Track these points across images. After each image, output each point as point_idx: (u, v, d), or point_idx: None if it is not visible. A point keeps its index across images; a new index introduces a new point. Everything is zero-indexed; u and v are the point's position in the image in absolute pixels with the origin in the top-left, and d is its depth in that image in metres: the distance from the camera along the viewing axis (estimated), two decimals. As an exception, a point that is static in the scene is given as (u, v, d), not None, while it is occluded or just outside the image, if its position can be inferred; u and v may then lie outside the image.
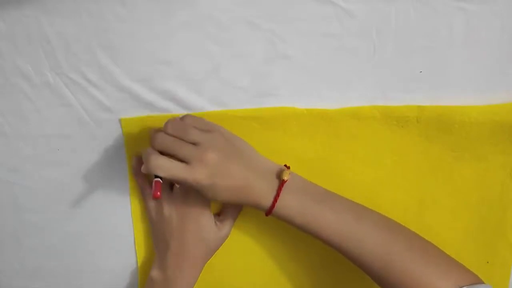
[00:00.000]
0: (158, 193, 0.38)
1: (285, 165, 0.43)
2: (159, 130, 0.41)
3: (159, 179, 0.39)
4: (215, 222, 0.47)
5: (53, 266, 0.53)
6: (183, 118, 0.42)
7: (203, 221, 0.46)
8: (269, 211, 0.41)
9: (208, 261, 0.47)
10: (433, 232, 0.46)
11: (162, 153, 0.40)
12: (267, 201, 0.40)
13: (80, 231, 0.51)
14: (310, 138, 0.47)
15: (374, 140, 0.46)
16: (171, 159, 0.39)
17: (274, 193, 0.40)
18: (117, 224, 0.51)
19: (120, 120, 0.47)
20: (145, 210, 0.49)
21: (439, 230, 0.47)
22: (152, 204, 0.48)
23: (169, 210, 0.46)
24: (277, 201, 0.40)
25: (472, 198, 0.47)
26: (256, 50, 0.44)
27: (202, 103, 0.46)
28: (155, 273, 0.46)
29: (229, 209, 0.48)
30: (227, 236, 0.48)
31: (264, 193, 0.41)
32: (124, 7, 0.43)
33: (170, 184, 0.47)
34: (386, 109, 0.45)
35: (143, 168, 0.40)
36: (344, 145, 0.47)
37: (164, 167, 0.38)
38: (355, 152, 0.47)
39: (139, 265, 0.52)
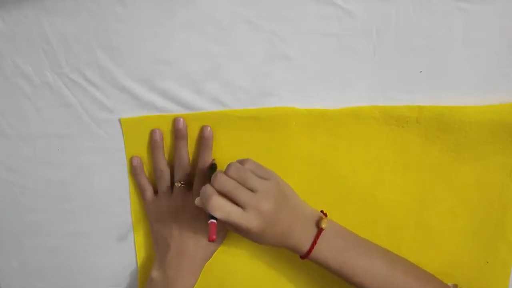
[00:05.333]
0: (214, 236, 0.38)
1: (322, 211, 0.44)
2: (220, 171, 0.41)
3: (214, 221, 0.39)
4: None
5: (53, 266, 0.53)
6: (243, 162, 0.42)
7: (202, 221, 0.46)
8: (305, 256, 0.42)
9: (208, 262, 0.47)
10: (433, 232, 0.46)
11: (219, 193, 0.39)
12: (304, 247, 0.42)
13: (80, 231, 0.51)
14: (310, 138, 0.47)
15: (374, 140, 0.46)
16: (231, 203, 0.39)
17: (312, 239, 0.42)
18: (117, 224, 0.51)
19: (120, 120, 0.47)
20: (145, 211, 0.49)
21: (439, 230, 0.47)
22: (152, 205, 0.48)
23: (169, 211, 0.46)
24: (314, 247, 0.42)
25: (472, 198, 0.47)
26: (256, 50, 0.44)
27: (202, 103, 0.46)
28: (155, 273, 0.46)
29: None
30: (225, 235, 0.48)
31: (303, 239, 0.42)
32: (124, 7, 0.43)
33: (170, 185, 0.47)
34: (386, 109, 0.45)
35: (197, 201, 0.40)
36: (344, 145, 0.47)
37: (224, 210, 0.38)
38: (355, 152, 0.47)
39: (139, 265, 0.52)
